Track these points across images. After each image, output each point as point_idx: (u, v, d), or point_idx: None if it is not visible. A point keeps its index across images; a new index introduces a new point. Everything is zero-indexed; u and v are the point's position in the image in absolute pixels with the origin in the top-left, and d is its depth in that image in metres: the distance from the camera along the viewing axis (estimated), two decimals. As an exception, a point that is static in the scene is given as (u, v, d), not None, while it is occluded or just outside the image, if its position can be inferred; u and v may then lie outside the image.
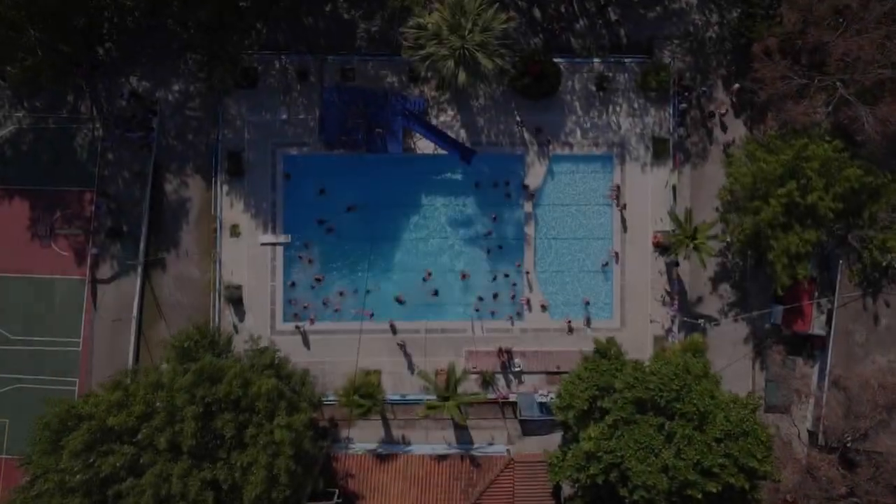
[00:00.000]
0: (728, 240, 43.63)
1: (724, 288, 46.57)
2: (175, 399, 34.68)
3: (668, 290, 45.86)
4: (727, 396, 37.69)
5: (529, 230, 46.13)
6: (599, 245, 46.45)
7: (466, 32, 38.77)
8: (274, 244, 45.75)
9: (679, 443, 35.29)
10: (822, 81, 41.39)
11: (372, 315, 45.48)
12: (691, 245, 42.34)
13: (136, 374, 38.45)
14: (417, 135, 45.36)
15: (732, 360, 45.66)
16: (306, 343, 45.66)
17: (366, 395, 41.95)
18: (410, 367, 45.57)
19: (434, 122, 45.48)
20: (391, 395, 45.33)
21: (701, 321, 44.67)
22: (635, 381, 36.93)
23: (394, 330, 45.77)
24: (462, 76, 39.22)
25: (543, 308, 45.79)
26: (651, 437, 35.84)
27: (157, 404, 34.93)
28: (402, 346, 45.34)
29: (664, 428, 36.25)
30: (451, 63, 39.19)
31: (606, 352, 40.03)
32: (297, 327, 45.12)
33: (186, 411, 34.28)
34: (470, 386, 45.18)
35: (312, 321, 45.28)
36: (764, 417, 44.28)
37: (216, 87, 43.41)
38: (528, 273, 45.88)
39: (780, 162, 40.77)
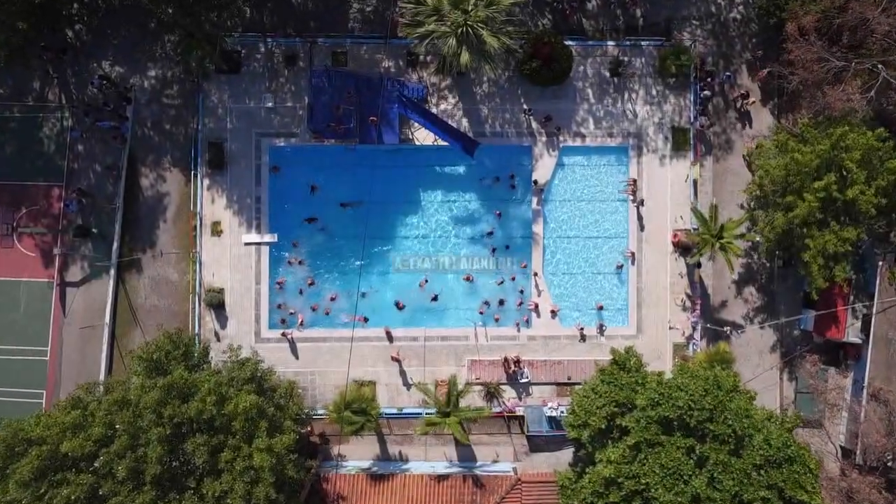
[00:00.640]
0: (757, 239, 38.60)
1: (750, 291, 41.63)
2: (139, 419, 29.78)
3: (689, 293, 40.89)
4: (761, 413, 32.82)
5: (537, 229, 41.16)
6: (614, 245, 41.42)
7: (469, 7, 33.78)
8: (259, 244, 40.76)
9: (713, 469, 30.31)
10: (862, 64, 36.41)
11: (366, 321, 40.57)
12: (717, 245, 37.41)
13: (99, 389, 33.37)
14: (415, 124, 40.36)
15: (759, 371, 40.79)
16: (294, 352, 40.68)
17: (359, 411, 36.98)
18: (408, 378, 40.73)
19: (434, 110, 40.58)
20: (387, 409, 40.47)
21: (728, 329, 39.67)
22: (660, 397, 31.98)
23: (390, 338, 40.82)
24: (465, 56, 34.26)
25: (553, 314, 40.79)
26: (679, 461, 30.86)
27: (118, 426, 29.93)
28: (398, 361, 40.45)
29: (694, 451, 31.26)
30: (452, 41, 34.20)
31: (625, 363, 35.08)
32: (284, 335, 40.15)
33: (151, 434, 29.29)
34: (473, 399, 40.22)
35: (302, 322, 40.41)
36: (794, 433, 39.42)
37: (195, 72, 38.43)
38: (536, 275, 40.87)
39: (817, 153, 35.72)
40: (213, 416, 30.42)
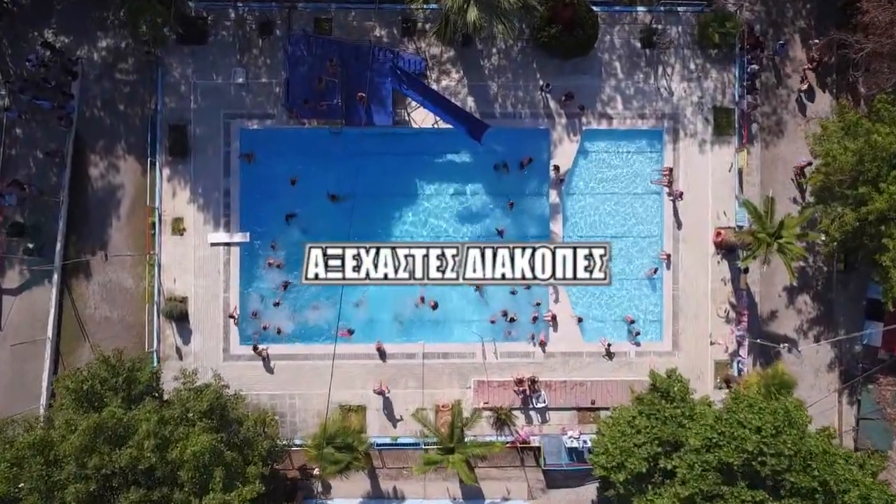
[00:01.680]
0: (822, 238, 31.03)
1: (804, 300, 34.07)
2: (56, 471, 22.29)
3: (734, 303, 33.41)
4: (840, 453, 25.37)
5: (556, 227, 33.63)
6: (646, 246, 33.87)
7: (479, -50, 26.48)
8: (228, 244, 33.24)
9: (795, 535, 23.00)
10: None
11: (351, 333, 33.09)
12: (775, 245, 29.95)
13: (14, 428, 25.71)
14: (412, 103, 32.84)
15: (815, 393, 33.30)
16: (270, 371, 33.13)
17: (343, 447, 29.47)
18: (403, 402, 33.27)
19: (434, 87, 33.10)
20: (379, 439, 32.99)
21: (784, 346, 32.16)
22: (720, 437, 24.56)
23: (382, 354, 33.32)
24: (472, 13, 26.73)
25: (580, 320, 33.21)
26: (748, 521, 23.51)
27: (22, 484, 22.38)
28: (382, 394, 32.89)
29: (765, 508, 23.95)
30: (457, -7, 26.84)
31: (667, 390, 27.66)
32: (258, 351, 32.69)
33: (68, 493, 21.78)
34: (480, 427, 32.77)
35: (280, 332, 33.07)
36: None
37: (148, 42, 30.77)
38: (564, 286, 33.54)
39: (898, 134, 28.48)
40: (154, 466, 22.92)
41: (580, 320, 33.11)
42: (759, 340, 32.85)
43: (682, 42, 33.61)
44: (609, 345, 33.14)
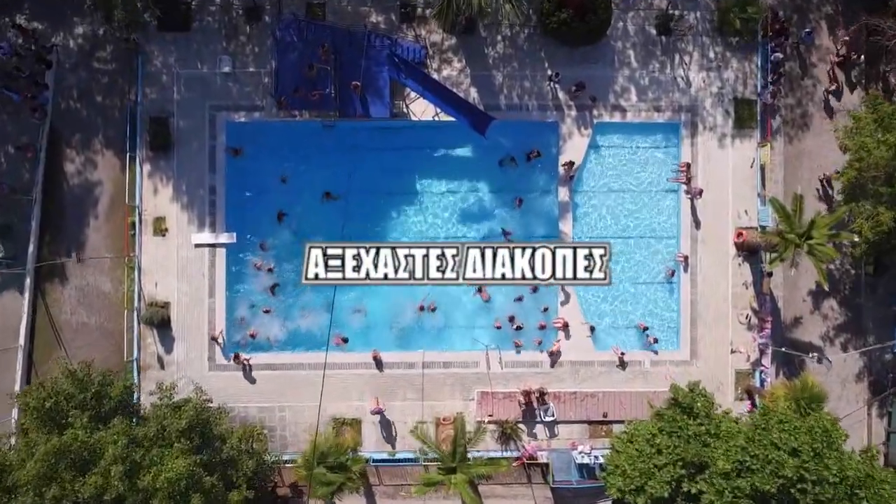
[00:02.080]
0: (855, 238, 28.26)
1: (830, 305, 31.36)
2: (13, 501, 19.60)
3: (756, 308, 30.74)
4: (888, 478, 22.68)
5: (565, 227, 30.90)
6: (661, 247, 31.20)
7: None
8: (213, 246, 30.55)
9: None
10: None
11: (346, 341, 30.45)
12: (804, 247, 27.29)
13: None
14: (411, 94, 30.15)
15: (843, 405, 30.66)
16: (252, 382, 30.31)
17: (336, 466, 26.80)
18: (400, 416, 30.59)
19: (435, 76, 30.37)
20: (376, 454, 30.33)
21: (813, 355, 29.44)
22: (753, 460, 21.89)
23: (379, 364, 30.68)
24: (478, -9, 24.19)
25: (592, 330, 30.61)
26: (785, 556, 20.88)
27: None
28: (380, 412, 30.00)
29: (805, 541, 21.26)
30: (460, -29, 24.14)
31: (690, 405, 24.99)
32: (240, 360, 29.98)
33: (22, 528, 19.18)
34: (484, 442, 30.02)
35: (269, 339, 30.36)
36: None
37: (122, 27, 27.93)
38: (563, 286, 30.86)
39: (939, 127, 25.85)
40: (123, 495, 20.23)
41: (593, 330, 30.41)
42: (783, 349, 30.18)
43: (701, 29, 30.87)
44: (622, 353, 30.42)
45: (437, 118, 30.28)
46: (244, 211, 30.67)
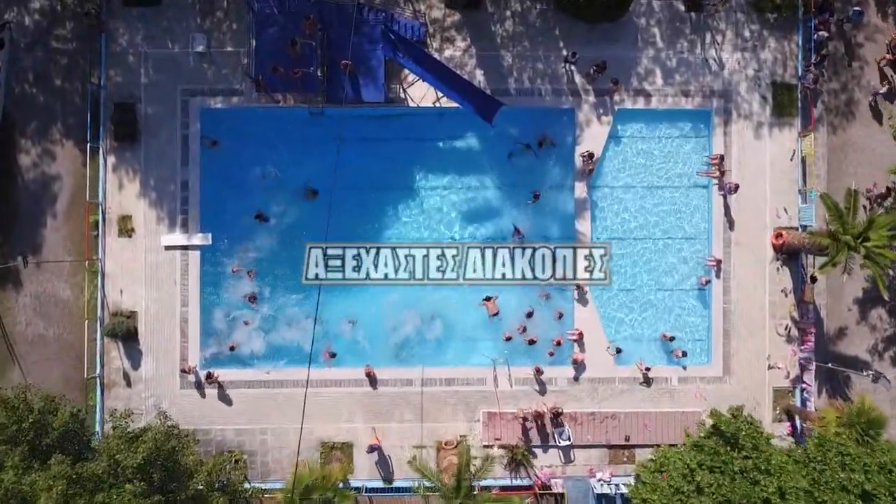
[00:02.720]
0: (918, 241, 24.33)
1: (878, 315, 27.25)
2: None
3: (797, 318, 26.83)
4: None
5: (582, 226, 26.91)
6: (690, 249, 27.34)
7: None
8: (186, 248, 26.61)
9: None
10: None
11: (334, 356, 26.52)
12: (861, 250, 23.36)
13: None
14: (409, 76, 26.25)
15: None
16: (227, 402, 26.32)
17: (323, 503, 22.83)
18: (398, 439, 26.64)
19: (436, 57, 26.42)
20: (369, 483, 26.37)
21: (868, 373, 25.38)
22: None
23: (373, 381, 26.74)
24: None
25: (618, 350, 26.67)
26: None
27: None
28: (377, 449, 26.06)
29: None
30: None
31: (734, 435, 21.08)
32: (211, 378, 25.97)
33: None
34: (492, 469, 26.16)
35: (249, 354, 26.33)
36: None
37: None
38: (580, 293, 26.93)
39: None
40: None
41: (619, 351, 26.47)
42: (830, 364, 26.26)
43: (735, 4, 26.86)
44: (647, 369, 26.47)
45: (438, 104, 26.34)
46: (221, 209, 26.67)
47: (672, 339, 26.77)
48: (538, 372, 26.28)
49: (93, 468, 18.71)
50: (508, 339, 26.50)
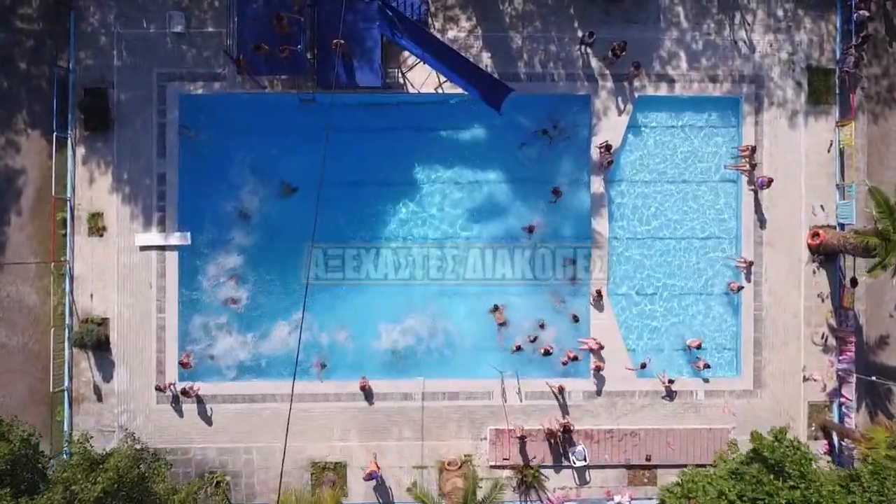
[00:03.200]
0: (976, 241, 21.59)
1: (922, 322, 24.96)
2: None
3: (835, 326, 24.13)
4: None
5: (599, 225, 24.12)
6: (717, 249, 24.61)
7: None
8: (163, 248, 23.88)
9: None
10: None
11: (324, 367, 23.73)
12: (917, 252, 20.66)
13: None
14: (409, 59, 23.50)
15: (940, 445, 24.11)
16: (206, 419, 23.54)
17: (309, 536, 20.15)
18: (397, 459, 23.89)
19: (439, 38, 23.67)
20: (365, 507, 23.74)
21: (920, 388, 22.90)
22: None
23: (368, 395, 23.98)
24: None
25: (643, 366, 23.72)
26: None
27: None
28: (374, 476, 23.02)
29: None
30: None
31: (780, 462, 18.37)
32: (189, 391, 23.03)
33: None
34: (501, 496, 23.44)
35: (232, 365, 23.55)
36: None
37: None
38: (597, 297, 24.17)
39: None
40: None
41: (644, 367, 23.66)
42: (874, 377, 23.53)
43: (767, -19, 24.30)
44: (671, 381, 23.74)
45: (440, 90, 23.61)
46: (202, 206, 23.92)
47: (699, 346, 24.02)
48: (560, 390, 23.54)
49: (48, 500, 15.96)
50: (518, 349, 23.72)
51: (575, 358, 23.44)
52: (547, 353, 23.35)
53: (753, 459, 18.79)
